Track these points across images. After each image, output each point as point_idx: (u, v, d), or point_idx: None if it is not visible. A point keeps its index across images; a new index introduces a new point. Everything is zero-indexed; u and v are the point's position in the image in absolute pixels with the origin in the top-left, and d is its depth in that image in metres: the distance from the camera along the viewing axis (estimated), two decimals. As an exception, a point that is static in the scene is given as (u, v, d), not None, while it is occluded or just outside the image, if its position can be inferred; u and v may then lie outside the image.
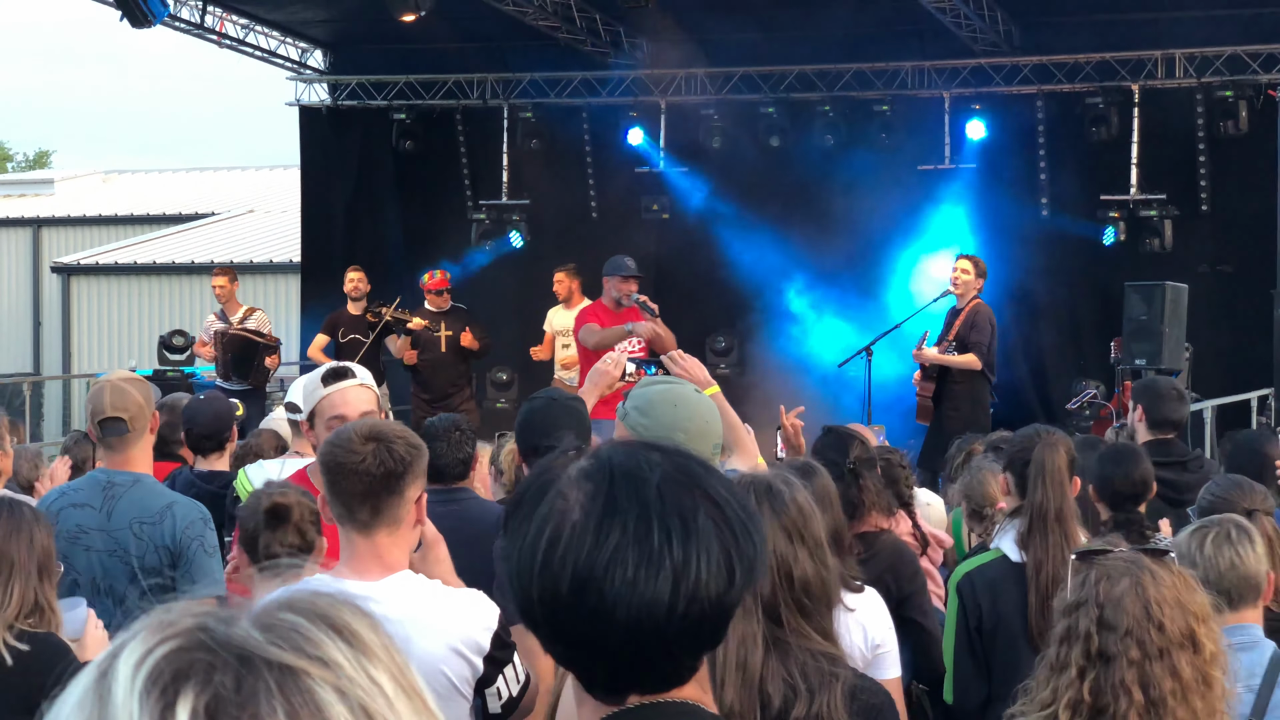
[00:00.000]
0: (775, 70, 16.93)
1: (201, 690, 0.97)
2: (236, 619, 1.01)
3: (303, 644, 1.00)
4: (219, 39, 17.02)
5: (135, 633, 1.03)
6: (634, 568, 1.74)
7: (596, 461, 1.83)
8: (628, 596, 1.73)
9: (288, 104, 18.63)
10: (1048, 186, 16.40)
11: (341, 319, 14.89)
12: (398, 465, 3.59)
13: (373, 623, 1.05)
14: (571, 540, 1.76)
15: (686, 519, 1.76)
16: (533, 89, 17.68)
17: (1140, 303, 12.18)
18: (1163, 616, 2.97)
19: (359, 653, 1.02)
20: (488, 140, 17.93)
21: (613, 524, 1.76)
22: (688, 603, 1.74)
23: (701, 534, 1.76)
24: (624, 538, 1.75)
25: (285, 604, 1.04)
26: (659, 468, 1.80)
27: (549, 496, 1.82)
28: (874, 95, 16.67)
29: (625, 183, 17.48)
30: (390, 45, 17.77)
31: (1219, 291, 15.01)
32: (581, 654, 1.82)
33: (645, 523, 1.76)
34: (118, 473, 5.29)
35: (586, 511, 1.78)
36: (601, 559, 1.75)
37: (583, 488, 1.80)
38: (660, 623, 1.74)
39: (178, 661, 0.99)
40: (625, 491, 1.78)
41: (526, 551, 1.80)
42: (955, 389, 12.12)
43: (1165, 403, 7.26)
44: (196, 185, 34.52)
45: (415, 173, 18.26)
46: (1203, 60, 15.68)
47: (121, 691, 0.98)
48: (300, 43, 18.36)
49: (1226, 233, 15.48)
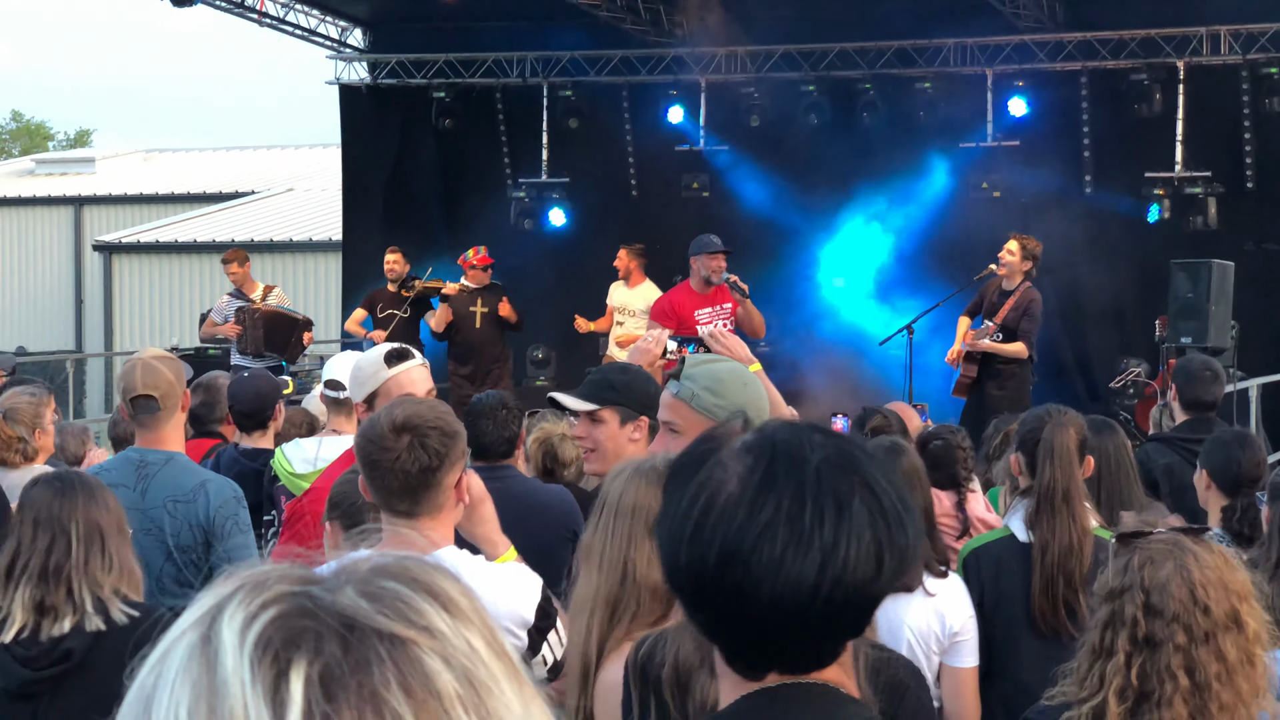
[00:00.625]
0: (816, 48, 16.85)
1: (314, 659, 0.96)
2: (339, 587, 1.00)
3: (408, 613, 1.00)
4: (259, 18, 17.04)
5: (229, 594, 1.01)
6: (782, 545, 1.74)
7: (760, 436, 1.84)
8: (773, 574, 1.73)
9: (327, 83, 18.65)
10: (1091, 164, 16.28)
11: (380, 295, 15.09)
12: (433, 459, 3.57)
13: (463, 587, 1.05)
14: (724, 511, 1.77)
15: (841, 503, 1.76)
16: (572, 67, 17.64)
17: (1186, 281, 12.08)
18: (1208, 599, 2.94)
19: (456, 619, 1.02)
20: (527, 119, 17.90)
21: (767, 499, 1.76)
22: (832, 586, 1.74)
23: (854, 519, 1.76)
24: (776, 515, 1.75)
25: (382, 570, 1.03)
26: (820, 449, 1.80)
27: (709, 465, 1.82)
28: (915, 73, 16.57)
29: (665, 161, 17.44)
30: (430, 24, 17.76)
31: (1265, 269, 14.88)
32: (723, 627, 1.82)
33: (799, 502, 1.76)
34: (150, 451, 5.30)
35: (743, 484, 1.78)
36: (751, 533, 1.75)
37: (743, 460, 1.81)
38: (803, 603, 1.73)
39: (285, 627, 0.98)
40: (784, 469, 1.78)
41: (679, 518, 1.81)
42: (1002, 369, 12.08)
43: (1199, 383, 7.23)
44: (236, 164, 34.64)
45: (455, 151, 18.26)
46: (1248, 37, 15.53)
47: (230, 658, 0.96)
48: (340, 21, 18.37)
49: (1272, 210, 15.35)
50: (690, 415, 3.84)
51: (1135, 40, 15.85)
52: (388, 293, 14.98)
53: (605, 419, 4.49)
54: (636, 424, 4.44)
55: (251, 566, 1.04)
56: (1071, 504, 4.88)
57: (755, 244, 16.94)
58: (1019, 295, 12.13)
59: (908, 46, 16.54)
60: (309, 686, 0.95)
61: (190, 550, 5.24)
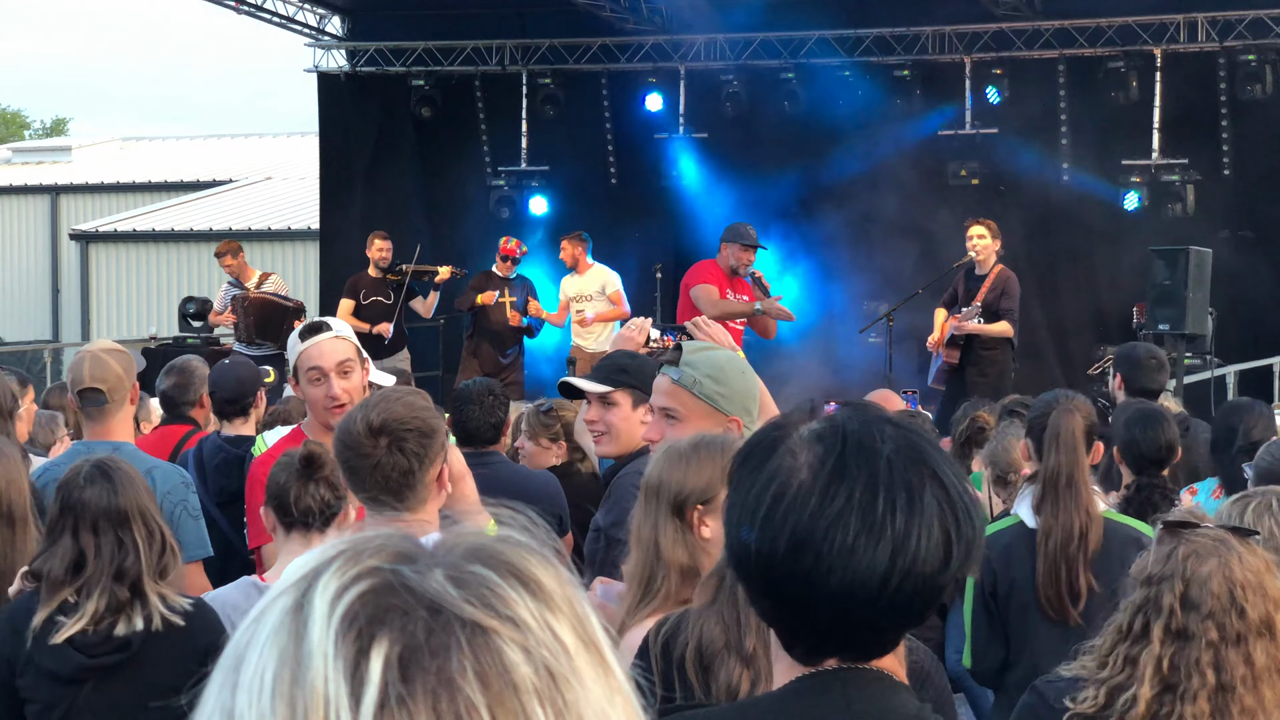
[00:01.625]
0: (795, 36, 16.86)
1: (396, 639, 0.98)
2: (429, 568, 1.01)
3: (494, 601, 1.00)
4: (237, 5, 17.00)
5: (329, 559, 1.03)
6: (854, 534, 1.76)
7: (831, 425, 1.85)
8: (844, 562, 1.75)
9: (306, 71, 18.61)
10: (1069, 151, 16.33)
11: (362, 281, 14.88)
12: (412, 462, 3.56)
13: (557, 574, 1.05)
14: (796, 499, 1.79)
15: (912, 494, 1.78)
16: (552, 55, 17.64)
17: (1164, 268, 12.11)
18: (1245, 601, 2.92)
19: (544, 607, 1.02)
20: (507, 107, 17.90)
21: (839, 488, 1.78)
22: (902, 576, 1.76)
23: (925, 511, 1.78)
24: (848, 504, 1.77)
25: (474, 554, 1.03)
26: (891, 441, 1.82)
27: (779, 453, 1.84)
28: (894, 60, 16.60)
29: (644, 149, 17.45)
30: (409, 11, 17.74)
31: (1242, 257, 14.95)
32: (788, 612, 1.84)
33: (871, 492, 1.78)
34: (97, 443, 5.33)
35: (815, 473, 1.80)
36: (823, 522, 1.77)
37: (814, 449, 1.82)
38: (873, 592, 1.76)
39: (373, 605, 0.99)
40: (856, 458, 1.80)
41: (750, 504, 1.83)
42: (983, 355, 12.12)
43: (1144, 371, 7.27)
44: (214, 152, 34.53)
45: (434, 139, 18.23)
46: (1225, 24, 15.60)
47: (318, 629, 0.98)
48: (318, 9, 18.32)
49: (1249, 197, 15.42)
50: (691, 402, 3.88)
51: (1113, 28, 15.90)
52: (369, 277, 14.86)
53: (618, 401, 4.59)
54: (648, 406, 4.50)
55: (360, 534, 1.05)
56: (1075, 489, 4.90)
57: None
58: (995, 276, 12.18)
59: (886, 34, 16.57)
60: (388, 667, 0.97)
61: None
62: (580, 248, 14.48)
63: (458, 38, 17.76)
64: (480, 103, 18.08)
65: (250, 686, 0.99)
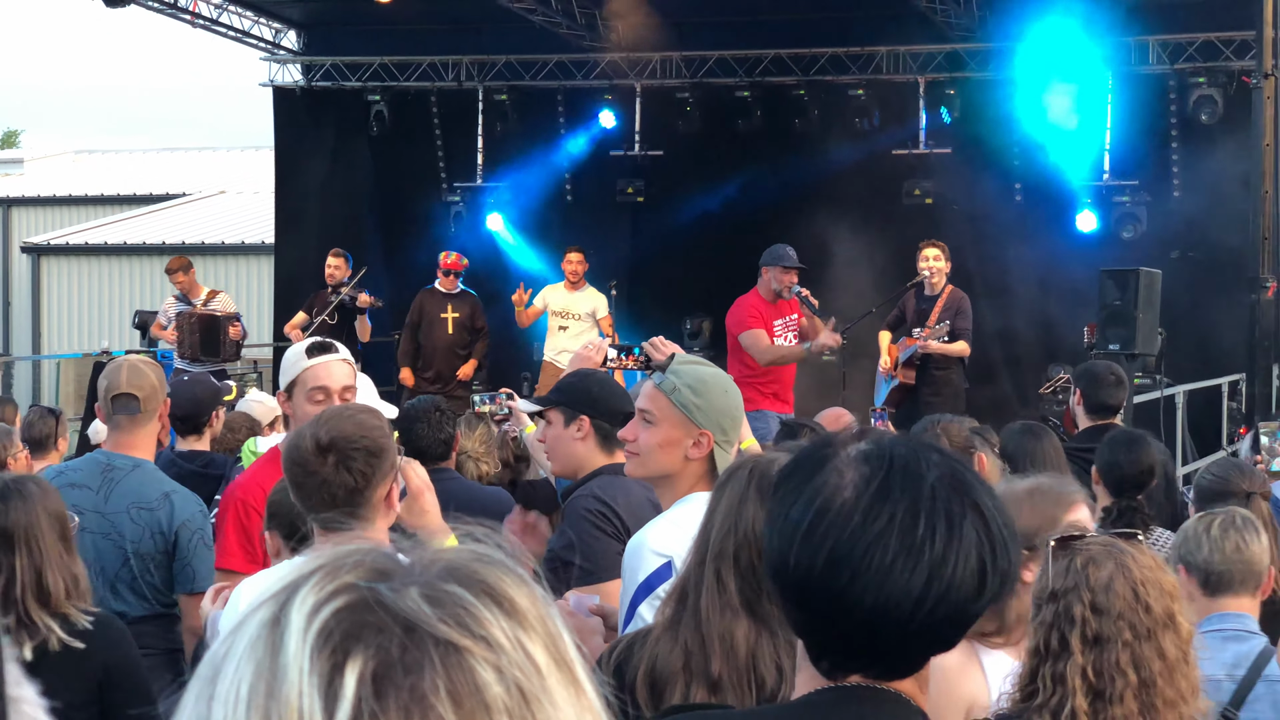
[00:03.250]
0: (750, 54, 16.94)
1: (370, 656, 0.99)
2: (406, 586, 1.02)
3: (468, 620, 1.01)
4: (192, 19, 16.94)
5: (308, 573, 1.04)
6: (893, 556, 1.79)
7: (878, 447, 1.88)
8: (879, 582, 1.78)
9: (261, 85, 18.56)
10: (1022, 172, 16.45)
11: (319, 300, 14.92)
12: (358, 481, 3.55)
13: (531, 592, 1.06)
14: (838, 517, 1.82)
15: (953, 521, 1.81)
16: (508, 71, 17.65)
17: (1114, 288, 12.21)
18: (1149, 598, 3.00)
19: (518, 626, 1.03)
20: (462, 122, 17.89)
21: (882, 509, 1.81)
22: (936, 601, 1.79)
23: (964, 539, 1.81)
24: (889, 525, 1.80)
25: (450, 572, 1.04)
26: (936, 468, 1.85)
27: (826, 470, 1.87)
28: (849, 80, 16.69)
29: (600, 165, 17.48)
30: (365, 26, 17.72)
31: (1191, 278, 15.08)
32: (820, 627, 1.87)
33: (913, 515, 1.81)
34: (118, 455, 5.29)
35: (859, 492, 1.83)
36: (863, 541, 1.80)
37: (859, 469, 1.85)
38: (905, 614, 1.79)
39: (349, 621, 1.00)
40: (901, 482, 1.83)
41: (792, 519, 1.86)
42: (937, 375, 12.23)
43: (1103, 387, 7.33)
44: (168, 166, 34.36)
45: (389, 155, 18.21)
46: (1176, 47, 15.74)
47: (294, 643, 0.99)
48: (274, 23, 18.28)
49: (1199, 219, 15.54)
50: (667, 408, 3.91)
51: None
52: (324, 296, 14.89)
53: (551, 420, 4.66)
54: (578, 423, 4.56)
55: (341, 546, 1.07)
56: None
57: (689, 249, 17.02)
58: (947, 296, 12.30)
59: (841, 53, 16.66)
60: (361, 683, 0.98)
61: (149, 558, 5.24)
62: (585, 266, 14.48)
63: (414, 53, 17.76)
64: (436, 118, 18.07)
65: (226, 699, 0.99)
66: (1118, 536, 3.18)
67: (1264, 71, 12.02)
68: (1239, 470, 5.12)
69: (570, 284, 14.49)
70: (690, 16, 17.04)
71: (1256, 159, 12.17)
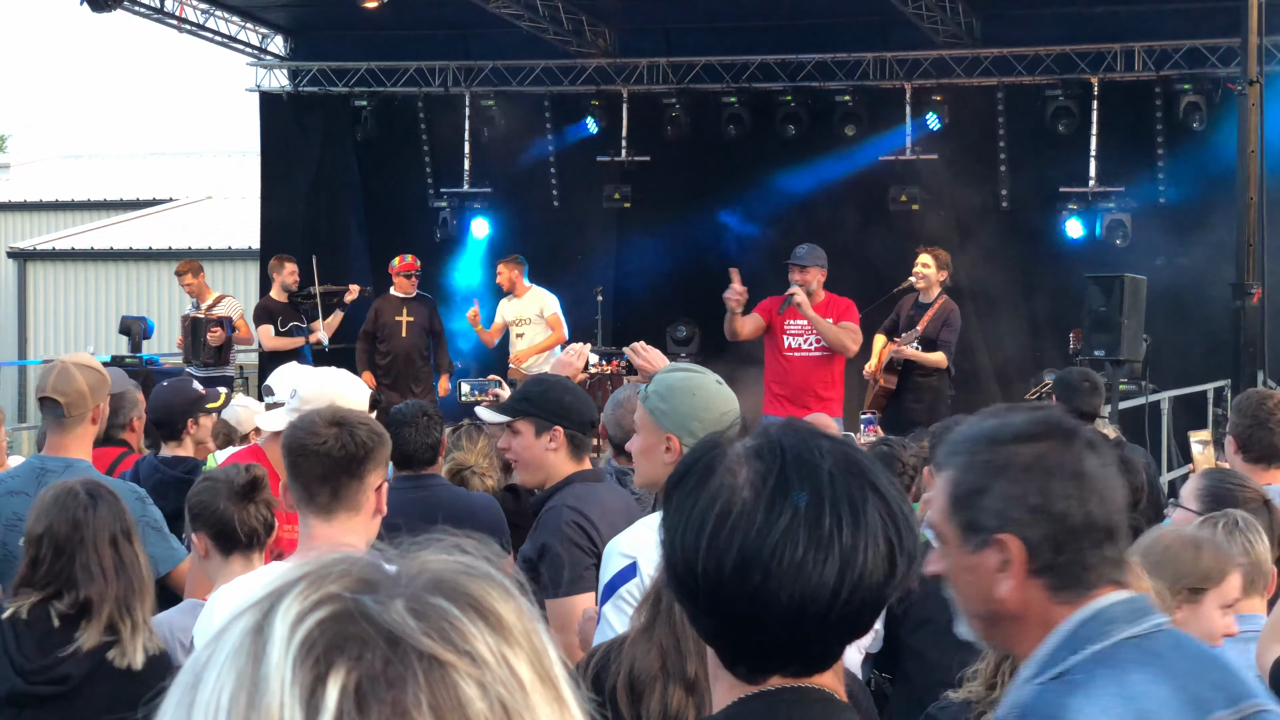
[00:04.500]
0: (737, 60, 16.96)
1: (353, 668, 0.98)
2: (391, 598, 1.01)
3: (452, 635, 1.01)
4: (179, 24, 16.91)
5: (293, 581, 1.03)
6: (803, 550, 1.76)
7: (767, 441, 1.85)
8: (794, 578, 1.76)
9: (248, 90, 18.54)
10: (1008, 178, 16.48)
11: (272, 306, 14.81)
12: (359, 449, 3.61)
13: (518, 606, 1.05)
14: (740, 517, 1.79)
15: (856, 507, 1.79)
16: (495, 77, 17.65)
17: (1099, 294, 12.23)
18: None
19: (502, 641, 1.02)
20: (449, 128, 17.89)
21: (784, 505, 1.78)
22: (851, 589, 1.77)
23: (869, 523, 1.78)
24: (794, 520, 1.77)
25: (436, 585, 1.03)
26: (830, 455, 1.82)
27: (718, 472, 1.83)
28: (836, 86, 16.72)
29: (587, 171, 17.48)
30: (352, 32, 17.71)
31: (1177, 284, 15.11)
32: (735, 631, 1.83)
33: (817, 506, 1.78)
34: (51, 458, 5.29)
35: (757, 490, 1.80)
36: (771, 539, 1.77)
37: (752, 466, 1.82)
38: (823, 607, 1.76)
39: (332, 632, 0.99)
40: (798, 474, 1.80)
41: (692, 526, 1.82)
42: (920, 381, 12.27)
43: (1078, 394, 7.39)
44: (155, 171, 34.31)
45: (376, 160, 18.21)
46: (1162, 54, 15.78)
47: (276, 653, 0.99)
48: (261, 28, 18.27)
49: (1184, 226, 15.58)
50: (643, 416, 4.00)
51: (1051, 56, 16.07)
52: (279, 304, 14.76)
53: (520, 430, 4.65)
54: (551, 433, 4.57)
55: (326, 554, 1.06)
56: None
57: (676, 255, 17.02)
58: (938, 307, 12.34)
59: (827, 59, 16.68)
60: (344, 696, 0.97)
61: None
62: (516, 271, 14.42)
63: (401, 59, 17.75)
64: (423, 124, 18.07)
65: (207, 707, 0.99)
66: None
67: (1249, 78, 12.05)
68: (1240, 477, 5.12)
69: (508, 293, 14.47)
70: (677, 23, 17.06)
71: (1241, 165, 12.19)
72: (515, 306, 14.43)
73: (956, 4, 15.67)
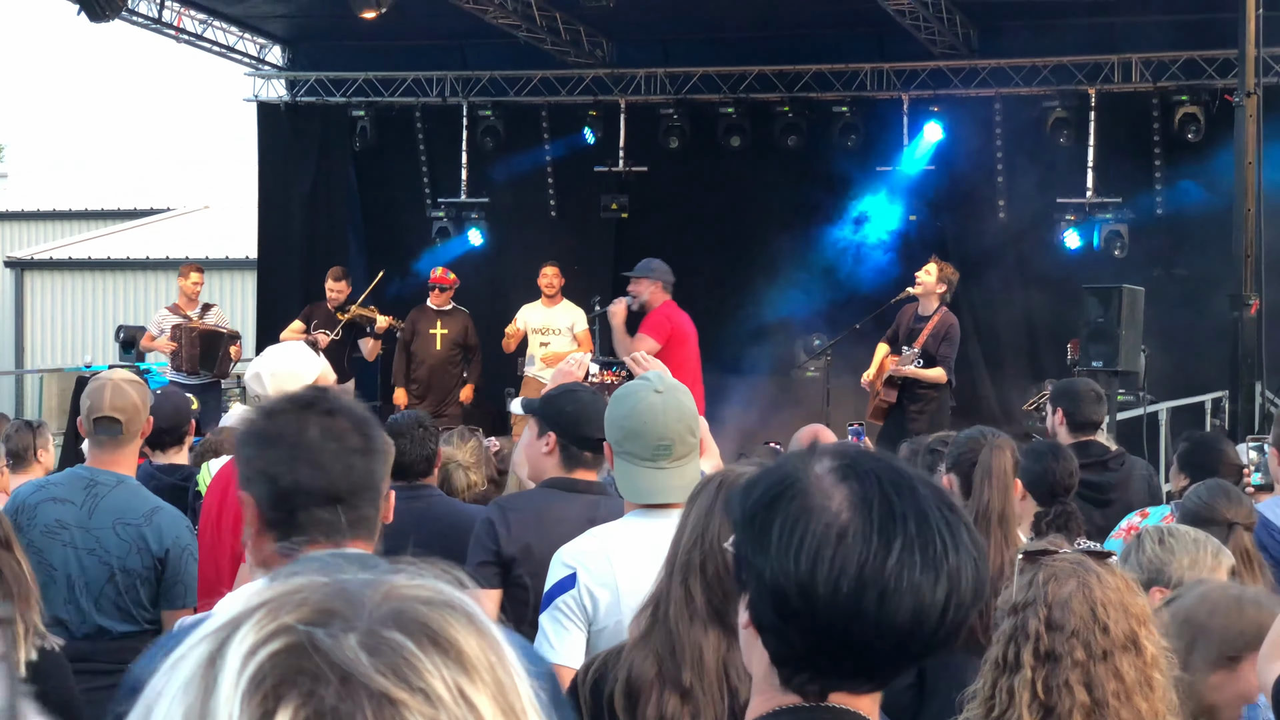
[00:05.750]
0: (735, 71, 16.97)
1: (302, 704, 0.97)
2: (345, 632, 1.00)
3: (406, 671, 0.99)
4: (176, 34, 16.91)
5: (251, 609, 1.02)
6: (920, 571, 1.79)
7: (850, 462, 1.87)
8: (912, 600, 1.78)
9: (245, 100, 18.55)
10: (1005, 189, 16.48)
11: (317, 312, 15.02)
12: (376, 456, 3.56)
13: (481, 637, 1.03)
14: (855, 539, 1.80)
15: (953, 529, 1.83)
16: (492, 87, 17.66)
17: (1097, 305, 12.25)
18: (1108, 619, 3.00)
19: (462, 675, 1.00)
20: (447, 138, 17.89)
21: (895, 526, 1.81)
22: (955, 608, 1.81)
23: (962, 544, 1.83)
24: (907, 541, 1.80)
25: (394, 617, 1.01)
26: (917, 477, 1.87)
27: (808, 494, 1.84)
28: (833, 97, 16.73)
29: (584, 181, 17.48)
30: (349, 42, 17.71)
31: (1174, 295, 15.12)
32: (831, 651, 1.84)
33: (926, 528, 1.81)
34: (101, 472, 5.30)
35: (863, 512, 1.82)
36: (889, 562, 1.79)
37: (849, 487, 1.84)
38: (932, 626, 1.80)
39: (283, 666, 0.98)
40: (898, 496, 1.83)
41: (792, 552, 1.82)
42: (921, 392, 12.31)
43: (1085, 404, 7.37)
44: (152, 181, 34.32)
45: (374, 170, 18.21)
46: (1159, 65, 15.80)
47: (226, 686, 0.98)
48: (258, 38, 18.28)
49: (1182, 237, 15.59)
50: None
51: (1048, 68, 16.08)
52: (326, 310, 14.92)
53: (530, 427, 4.79)
54: (547, 437, 4.62)
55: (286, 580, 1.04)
56: (1006, 526, 4.94)
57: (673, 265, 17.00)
58: (937, 320, 12.33)
59: (825, 70, 16.69)
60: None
61: (135, 574, 5.24)
62: (562, 280, 14.49)
63: (398, 69, 17.76)
64: (420, 134, 18.07)
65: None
66: (1090, 555, 3.16)
67: (1246, 90, 12.05)
68: (1227, 498, 5.07)
69: (547, 298, 14.47)
70: (675, 33, 17.07)
71: (1239, 176, 12.19)
72: (544, 315, 14.41)
73: (954, 15, 15.68)
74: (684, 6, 16.08)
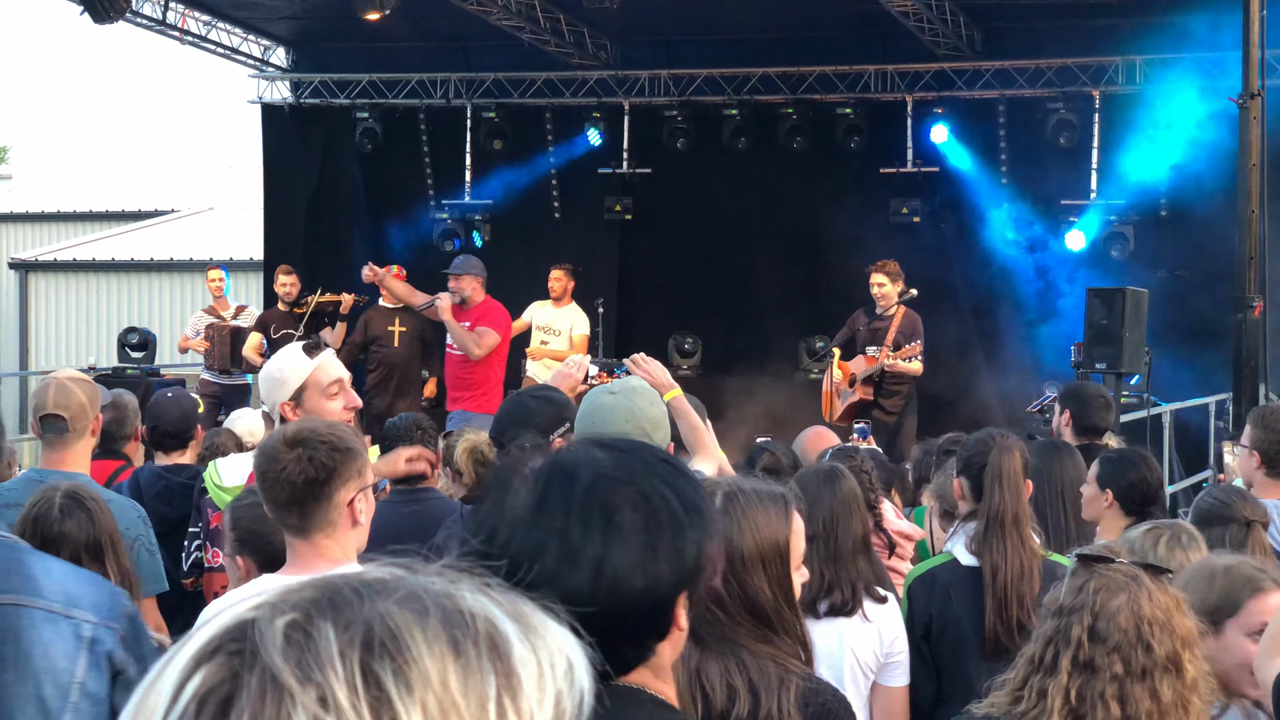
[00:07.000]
0: (739, 72, 16.97)
1: (218, 669, 0.97)
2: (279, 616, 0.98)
3: (310, 664, 0.96)
4: (181, 36, 16.93)
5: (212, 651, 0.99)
6: (555, 561, 1.86)
7: (548, 458, 1.98)
8: (551, 587, 1.81)
9: (250, 102, 18.56)
10: (1009, 190, 16.47)
11: (272, 316, 15.10)
12: (319, 472, 3.55)
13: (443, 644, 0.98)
14: (512, 533, 1.90)
15: (610, 515, 1.87)
16: (496, 89, 17.66)
17: (1101, 307, 12.23)
18: (1151, 638, 2.96)
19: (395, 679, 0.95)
20: (451, 140, 17.90)
21: (540, 519, 1.89)
22: (608, 594, 1.84)
23: (622, 530, 1.87)
24: (548, 533, 1.88)
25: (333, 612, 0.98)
26: (595, 465, 1.93)
27: (515, 482, 1.95)
28: (837, 98, 16.72)
29: (588, 183, 17.48)
30: (353, 44, 17.73)
31: (1178, 296, 15.10)
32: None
33: (566, 518, 1.88)
34: (51, 472, 5.28)
35: (527, 506, 1.91)
36: (530, 548, 1.87)
37: (530, 484, 1.94)
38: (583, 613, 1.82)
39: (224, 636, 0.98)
40: (557, 489, 1.91)
41: (484, 525, 1.93)
42: (892, 389, 12.73)
43: (1093, 409, 7.34)
44: (156, 182, 34.36)
45: (377, 172, 18.22)
46: (1162, 66, 15.77)
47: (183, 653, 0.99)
48: (263, 40, 18.29)
49: (1186, 238, 15.58)
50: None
51: (1051, 69, 16.07)
52: (280, 313, 14.93)
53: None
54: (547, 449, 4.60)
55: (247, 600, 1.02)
56: (1020, 527, 4.93)
57: (677, 267, 17.04)
58: (902, 318, 12.64)
59: (829, 72, 16.69)
60: None
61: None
62: (573, 283, 14.48)
63: (402, 70, 17.77)
64: (424, 135, 18.08)
65: None
66: (1146, 570, 3.13)
67: (1250, 91, 12.04)
68: (1244, 498, 5.07)
69: (554, 300, 14.47)
70: (679, 35, 17.07)
71: (1243, 178, 12.18)
72: (549, 315, 14.41)
73: (958, 17, 15.68)
74: (688, 8, 16.08)
